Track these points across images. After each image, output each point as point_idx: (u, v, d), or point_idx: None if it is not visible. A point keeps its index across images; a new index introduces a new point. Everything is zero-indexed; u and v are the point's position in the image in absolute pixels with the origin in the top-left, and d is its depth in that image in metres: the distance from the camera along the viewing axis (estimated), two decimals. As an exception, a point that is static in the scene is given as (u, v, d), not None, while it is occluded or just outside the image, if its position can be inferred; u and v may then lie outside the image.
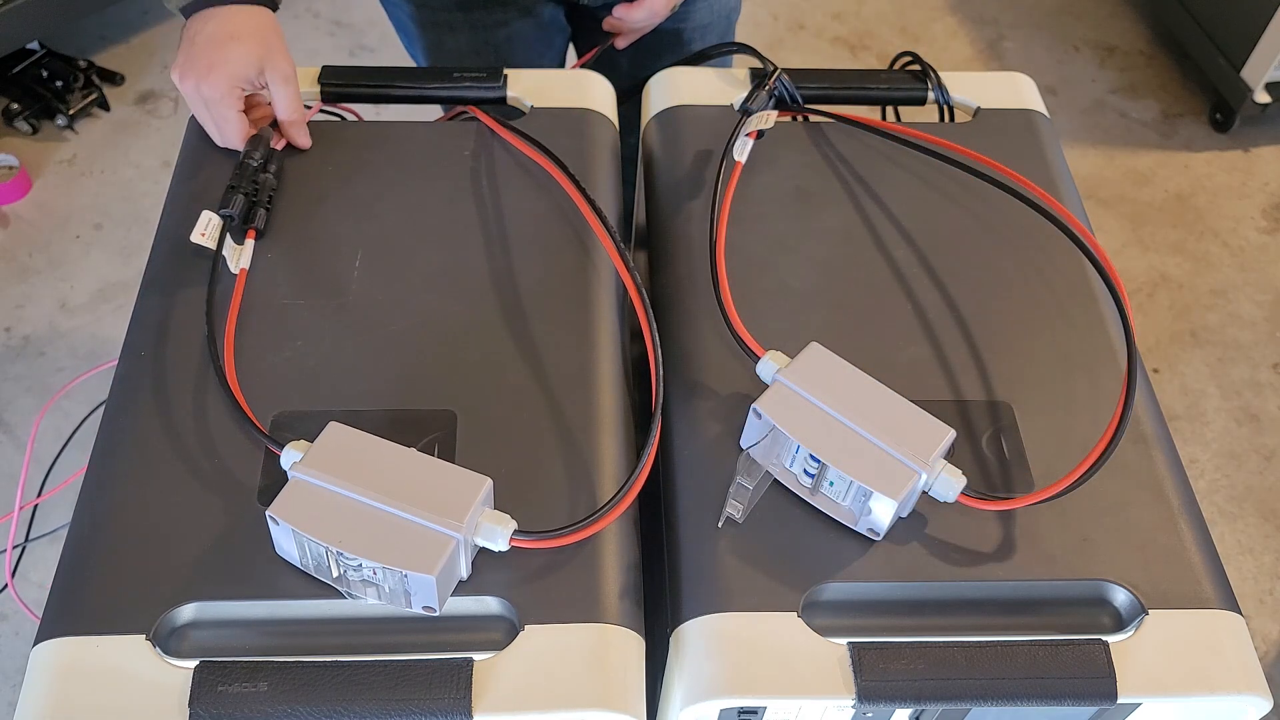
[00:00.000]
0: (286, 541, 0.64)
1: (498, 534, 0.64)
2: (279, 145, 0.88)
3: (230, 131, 0.86)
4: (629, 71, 1.14)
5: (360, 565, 0.63)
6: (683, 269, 0.83)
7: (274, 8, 0.88)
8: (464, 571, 0.65)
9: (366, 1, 2.40)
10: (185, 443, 0.71)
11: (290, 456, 0.66)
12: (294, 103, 0.87)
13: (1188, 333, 1.97)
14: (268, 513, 0.62)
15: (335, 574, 0.64)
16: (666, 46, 1.19)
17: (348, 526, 0.62)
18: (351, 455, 0.65)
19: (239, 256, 0.80)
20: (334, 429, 0.67)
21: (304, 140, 0.89)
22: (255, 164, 0.85)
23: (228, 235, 0.80)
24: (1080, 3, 2.57)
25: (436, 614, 0.64)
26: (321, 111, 0.95)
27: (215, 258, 0.79)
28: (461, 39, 1.16)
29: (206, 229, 0.79)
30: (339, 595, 0.65)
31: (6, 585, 0.85)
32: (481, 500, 0.64)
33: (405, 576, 0.62)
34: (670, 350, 0.78)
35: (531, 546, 0.66)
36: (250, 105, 0.88)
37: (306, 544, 0.63)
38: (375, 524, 0.63)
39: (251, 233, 0.82)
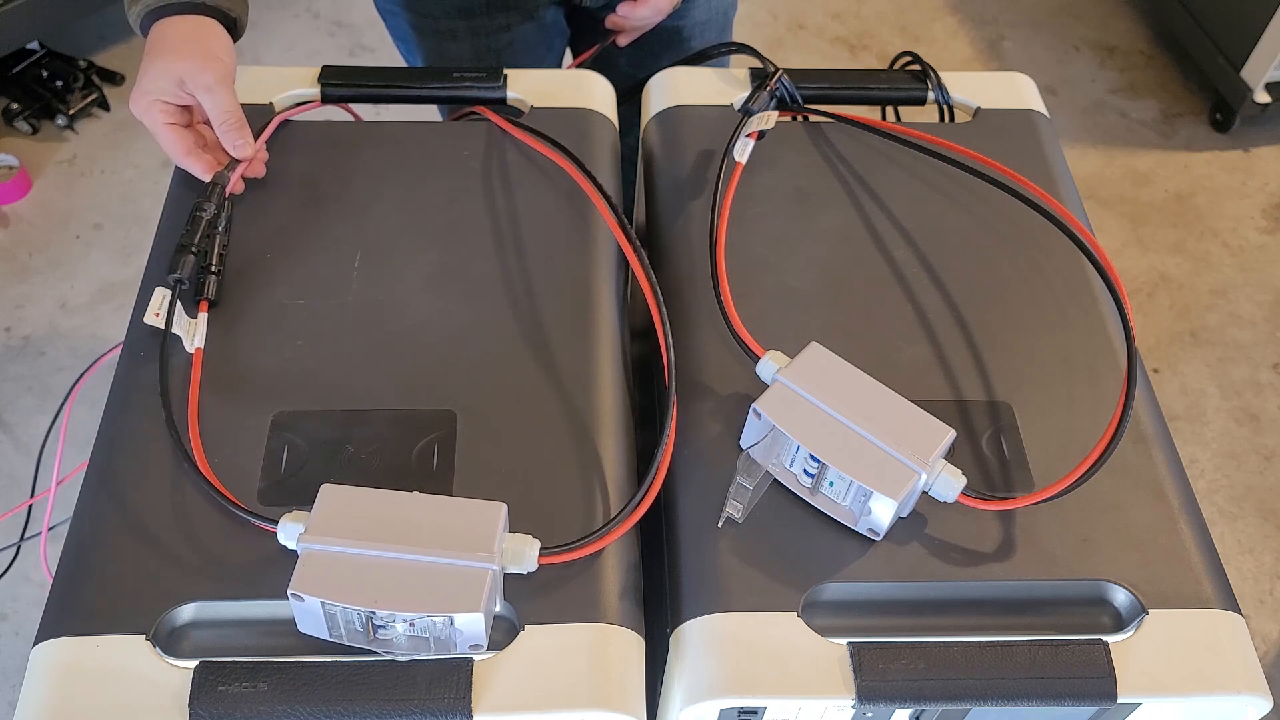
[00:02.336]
0: (312, 617, 0.61)
1: (526, 555, 0.63)
2: (238, 188, 0.84)
3: (167, 147, 0.84)
4: (627, 70, 1.14)
5: (396, 622, 0.60)
6: (683, 269, 0.83)
7: (220, 17, 0.86)
8: (498, 603, 0.64)
9: (366, 1, 2.40)
10: (185, 442, 0.71)
11: (292, 530, 0.63)
12: (221, 109, 0.83)
13: (1188, 333, 1.97)
14: (290, 592, 0.60)
15: (370, 638, 0.62)
16: (665, 44, 1.19)
17: (377, 585, 0.60)
18: (355, 512, 0.63)
19: (193, 333, 0.75)
20: (328, 491, 0.64)
21: (243, 149, 0.84)
22: (207, 216, 0.79)
23: (179, 309, 0.75)
24: (1080, 3, 2.57)
25: (484, 649, 0.62)
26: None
27: (164, 337, 0.74)
28: (463, 46, 1.16)
29: (160, 309, 0.74)
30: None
31: (17, 556, 0.84)
32: (503, 527, 0.63)
33: (451, 621, 0.60)
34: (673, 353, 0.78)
35: (556, 561, 0.65)
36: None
37: (339, 614, 0.60)
38: (405, 575, 0.60)
39: (204, 305, 0.77)
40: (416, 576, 0.60)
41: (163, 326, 0.74)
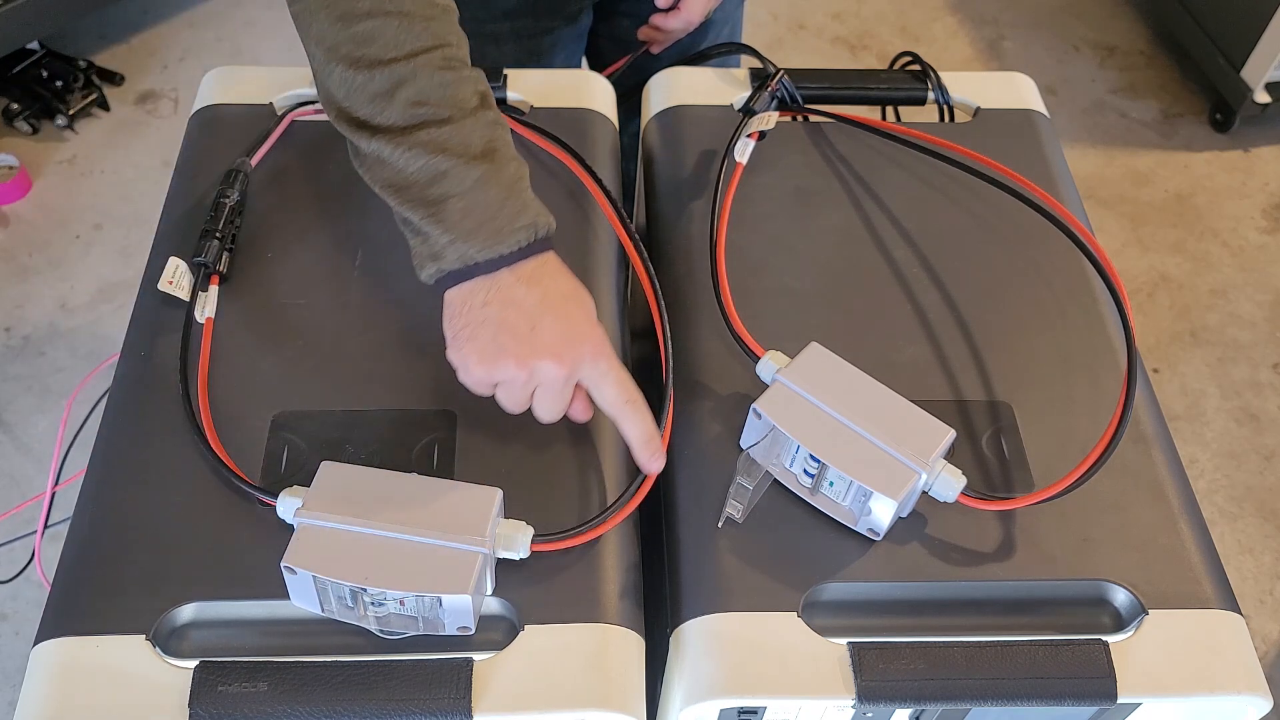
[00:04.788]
0: (305, 591, 0.62)
1: (518, 541, 0.64)
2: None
3: (562, 407, 0.70)
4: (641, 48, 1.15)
5: (387, 599, 0.61)
6: (683, 269, 0.83)
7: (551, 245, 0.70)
8: (489, 586, 0.65)
9: (366, 1, 2.39)
10: (185, 442, 0.71)
11: (289, 504, 0.64)
12: (630, 388, 0.69)
13: (1188, 333, 1.97)
14: (282, 565, 0.61)
15: (361, 613, 0.63)
16: None
17: (369, 562, 0.61)
18: (353, 490, 0.64)
19: (204, 304, 0.77)
20: (327, 468, 0.65)
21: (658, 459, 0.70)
22: (231, 203, 0.81)
23: (194, 284, 0.77)
24: (1080, 3, 2.57)
25: (472, 633, 0.63)
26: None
27: (189, 310, 0.76)
28: (505, 49, 1.15)
29: (175, 276, 0.76)
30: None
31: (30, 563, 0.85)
32: (496, 511, 0.64)
33: (439, 601, 0.61)
34: (671, 349, 0.78)
35: (550, 549, 0.65)
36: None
37: (329, 588, 0.61)
38: (397, 554, 0.61)
39: (215, 278, 0.78)
40: (408, 556, 0.61)
41: (174, 294, 0.76)
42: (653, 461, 0.70)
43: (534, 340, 0.66)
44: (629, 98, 1.00)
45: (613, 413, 0.70)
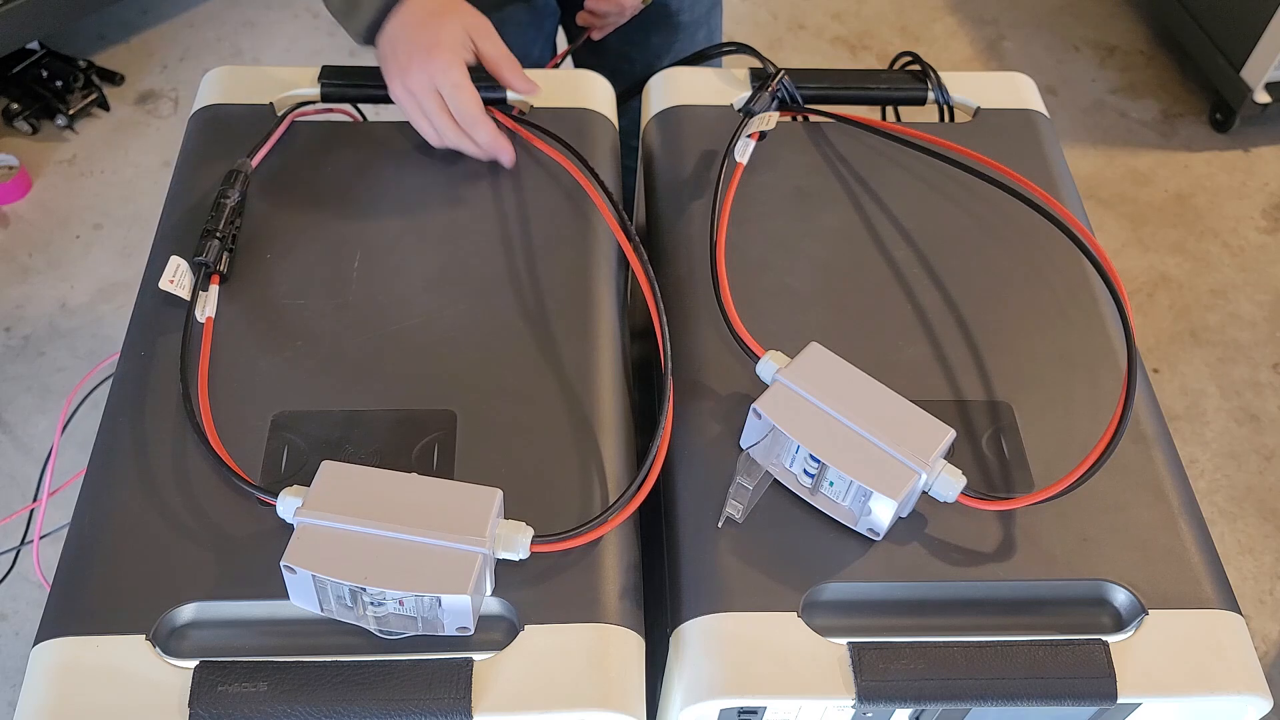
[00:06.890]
0: (304, 590, 0.62)
1: (518, 542, 0.64)
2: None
3: (472, 105, 0.85)
4: (617, 46, 1.14)
5: (386, 599, 0.62)
6: (683, 269, 0.83)
7: None
8: (489, 586, 0.65)
9: (366, 1, 2.39)
10: (185, 442, 0.71)
11: (290, 504, 0.64)
12: (505, 51, 0.89)
13: (1188, 333, 1.97)
14: (282, 564, 0.61)
15: (360, 613, 0.63)
16: (654, 19, 1.19)
17: (369, 561, 0.61)
18: (353, 490, 0.64)
19: (204, 304, 0.77)
20: (328, 467, 0.65)
21: (532, 86, 0.90)
22: (231, 203, 0.82)
23: (195, 284, 0.78)
24: (1080, 3, 2.57)
25: (471, 634, 0.63)
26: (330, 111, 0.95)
27: (190, 309, 0.76)
28: None
29: (175, 275, 0.77)
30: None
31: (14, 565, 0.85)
32: (496, 512, 0.64)
33: (438, 601, 0.61)
34: (670, 350, 0.78)
35: (550, 550, 0.65)
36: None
37: (329, 587, 0.62)
38: (396, 554, 0.61)
39: (215, 278, 0.79)
40: (407, 555, 0.61)
41: (175, 292, 0.77)
42: (531, 86, 0.90)
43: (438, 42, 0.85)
44: (622, 100, 1.00)
45: (495, 67, 0.89)
